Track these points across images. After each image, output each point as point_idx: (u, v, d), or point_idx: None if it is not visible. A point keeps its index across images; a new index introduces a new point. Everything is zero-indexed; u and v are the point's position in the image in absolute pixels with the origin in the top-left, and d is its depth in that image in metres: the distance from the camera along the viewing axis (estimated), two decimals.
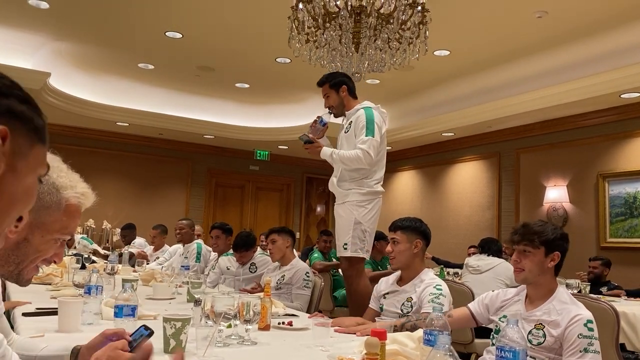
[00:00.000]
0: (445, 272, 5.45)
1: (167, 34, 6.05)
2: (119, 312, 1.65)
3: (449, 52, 6.26)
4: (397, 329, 2.08)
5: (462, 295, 3.53)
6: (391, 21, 3.90)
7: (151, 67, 7.28)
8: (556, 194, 7.16)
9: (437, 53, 6.24)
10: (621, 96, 6.05)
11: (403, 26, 3.97)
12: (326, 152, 3.38)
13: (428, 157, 9.28)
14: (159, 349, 1.63)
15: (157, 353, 1.59)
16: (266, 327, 2.07)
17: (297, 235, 10.14)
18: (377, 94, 7.94)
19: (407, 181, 9.82)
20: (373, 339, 0.88)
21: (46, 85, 7.05)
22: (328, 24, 4.00)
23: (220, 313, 1.69)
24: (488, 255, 4.84)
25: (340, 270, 4.92)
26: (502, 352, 1.13)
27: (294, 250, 4.17)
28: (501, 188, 8.00)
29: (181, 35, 6.10)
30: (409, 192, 9.74)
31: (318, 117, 3.50)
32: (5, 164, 0.67)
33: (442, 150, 8.96)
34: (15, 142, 0.69)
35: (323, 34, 4.02)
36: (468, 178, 8.61)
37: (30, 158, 0.73)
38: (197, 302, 1.97)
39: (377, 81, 7.30)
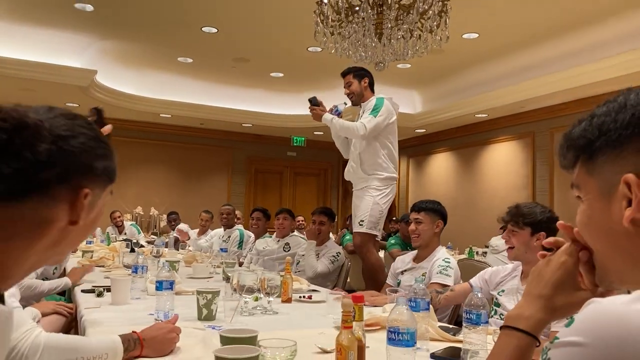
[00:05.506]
0: (475, 252, 5.59)
1: (203, 29, 6.36)
2: (159, 286, 1.94)
3: (477, 35, 6.31)
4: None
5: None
6: (411, 12, 4.05)
7: (190, 60, 7.63)
8: None
9: (465, 36, 6.29)
10: None
11: (424, 16, 4.11)
12: (327, 117, 3.80)
13: (462, 138, 9.31)
14: (193, 316, 1.92)
15: (192, 319, 1.89)
16: (288, 300, 2.35)
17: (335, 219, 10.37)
18: (410, 78, 8.06)
19: (442, 163, 9.90)
20: (348, 300, 1.12)
21: (93, 82, 7.52)
22: (351, 17, 4.19)
23: (244, 287, 1.97)
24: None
25: None
26: (469, 314, 1.35)
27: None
28: (535, 168, 8.00)
29: (216, 30, 6.39)
30: (444, 173, 9.82)
31: (334, 105, 3.91)
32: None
33: (476, 131, 8.98)
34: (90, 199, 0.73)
35: (347, 27, 4.22)
36: (502, 158, 8.62)
37: (101, 200, 0.78)
38: (227, 279, 2.26)
39: (409, 65, 7.40)
